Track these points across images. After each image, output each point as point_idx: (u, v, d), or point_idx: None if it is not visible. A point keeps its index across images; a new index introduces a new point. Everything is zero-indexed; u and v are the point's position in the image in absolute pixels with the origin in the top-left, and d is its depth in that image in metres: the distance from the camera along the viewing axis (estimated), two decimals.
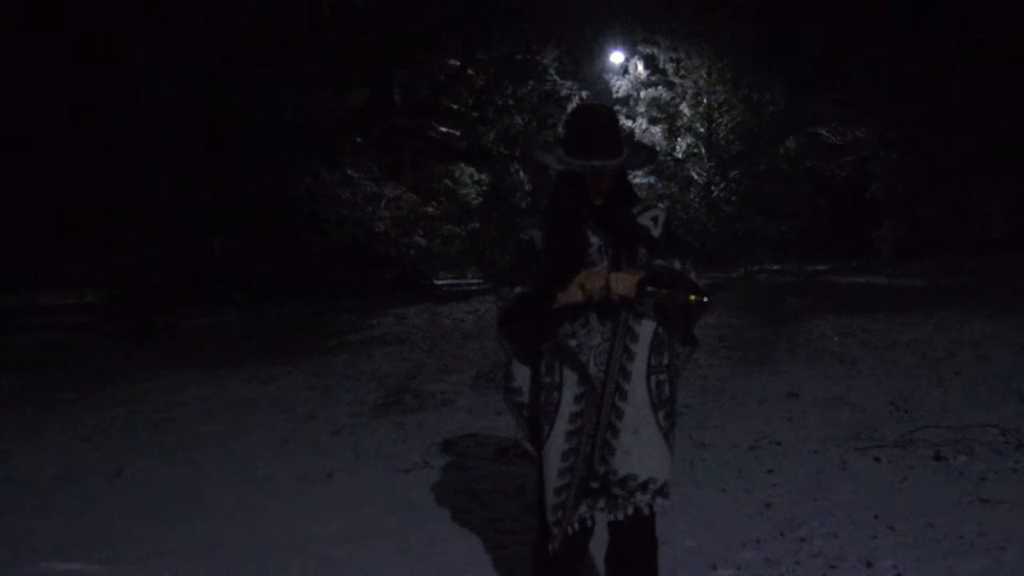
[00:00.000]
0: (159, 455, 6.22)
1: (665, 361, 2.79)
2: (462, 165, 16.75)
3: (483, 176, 16.75)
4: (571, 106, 15.32)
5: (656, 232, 2.82)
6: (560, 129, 15.13)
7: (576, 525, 2.74)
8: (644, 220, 2.83)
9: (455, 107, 17.50)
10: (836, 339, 9.60)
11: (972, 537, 3.93)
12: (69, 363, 10.56)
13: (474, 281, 18.27)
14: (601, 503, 2.75)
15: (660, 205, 2.94)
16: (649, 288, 2.62)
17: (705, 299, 2.68)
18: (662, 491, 2.76)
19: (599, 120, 2.82)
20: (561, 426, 2.77)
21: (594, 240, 2.77)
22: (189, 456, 6.17)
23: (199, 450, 6.32)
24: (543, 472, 2.82)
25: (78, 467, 5.99)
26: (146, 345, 11.59)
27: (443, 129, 17.40)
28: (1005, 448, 5.25)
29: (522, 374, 2.96)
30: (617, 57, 18.54)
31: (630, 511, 2.73)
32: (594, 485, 2.72)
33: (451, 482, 5.23)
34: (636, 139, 16.51)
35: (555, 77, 17.25)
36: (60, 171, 17.26)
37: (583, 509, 2.75)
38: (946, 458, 5.12)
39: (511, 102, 17.04)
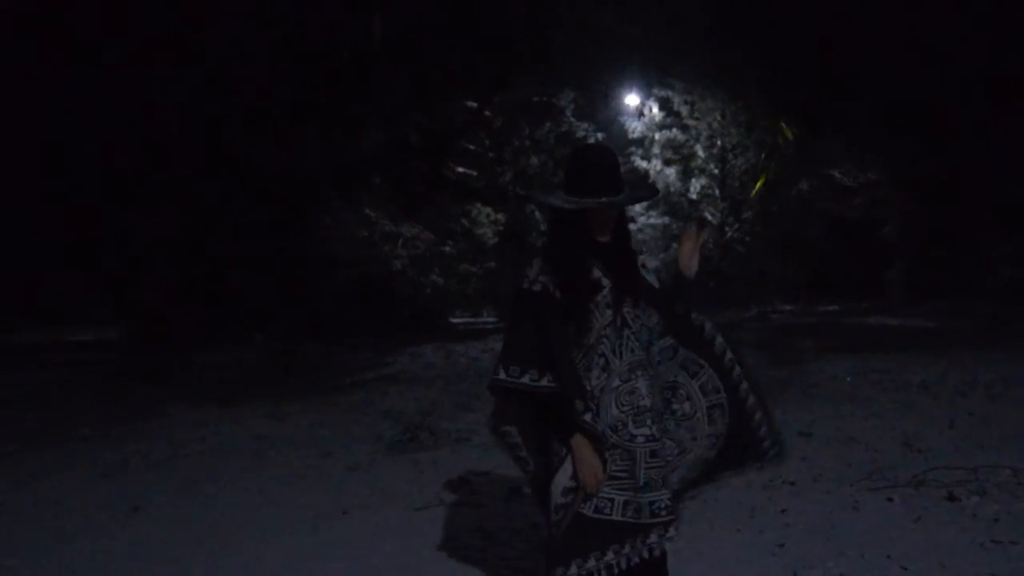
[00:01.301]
0: (176, 491, 6.27)
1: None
2: (479, 205, 16.87)
3: (499, 216, 16.87)
4: None
5: (656, 283, 2.98)
6: None
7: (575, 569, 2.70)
8: (643, 271, 2.97)
9: (472, 148, 17.71)
10: (848, 379, 9.59)
11: None
12: (87, 399, 10.67)
13: (489, 320, 18.34)
14: (626, 548, 2.73)
15: (641, 255, 3.01)
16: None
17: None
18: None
19: (606, 159, 2.85)
20: (562, 478, 2.75)
21: (605, 282, 2.80)
22: (205, 492, 6.21)
23: (215, 486, 6.37)
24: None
25: (95, 503, 6.04)
26: (163, 381, 11.69)
27: (460, 169, 17.61)
28: (1018, 489, 5.22)
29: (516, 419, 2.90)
30: (632, 99, 18.72)
31: (645, 554, 2.76)
32: (646, 554, 2.78)
33: (465, 520, 5.25)
34: (650, 179, 16.63)
35: (571, 119, 17.45)
36: (79, 209, 17.51)
37: (610, 556, 2.72)
38: (959, 499, 5.11)
39: (528, 143, 17.24)
